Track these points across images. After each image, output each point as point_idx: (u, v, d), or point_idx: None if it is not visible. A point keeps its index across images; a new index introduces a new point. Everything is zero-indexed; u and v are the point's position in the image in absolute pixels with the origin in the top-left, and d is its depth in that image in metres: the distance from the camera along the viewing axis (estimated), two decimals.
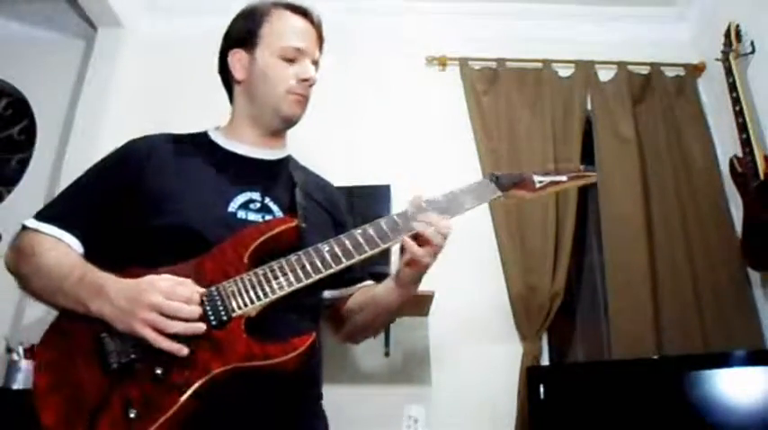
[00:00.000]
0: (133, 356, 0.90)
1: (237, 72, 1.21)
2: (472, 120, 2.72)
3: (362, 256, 1.04)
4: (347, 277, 1.21)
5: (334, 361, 2.37)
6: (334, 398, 1.21)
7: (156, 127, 1.24)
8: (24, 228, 1.08)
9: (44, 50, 2.96)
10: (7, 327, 2.36)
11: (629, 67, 2.82)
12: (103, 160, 1.17)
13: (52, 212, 1.10)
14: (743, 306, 2.37)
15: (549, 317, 2.37)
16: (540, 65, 2.81)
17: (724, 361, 1.90)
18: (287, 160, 1.27)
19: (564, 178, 1.29)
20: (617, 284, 2.44)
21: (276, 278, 0.99)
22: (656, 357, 2.20)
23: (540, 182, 1.25)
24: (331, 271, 1.02)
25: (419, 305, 2.28)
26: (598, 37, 2.90)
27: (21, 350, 2.15)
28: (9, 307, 2.40)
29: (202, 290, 0.95)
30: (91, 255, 1.06)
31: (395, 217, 1.09)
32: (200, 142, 1.22)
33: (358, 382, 2.35)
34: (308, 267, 1.01)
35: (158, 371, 0.89)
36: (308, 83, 1.20)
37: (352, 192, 2.13)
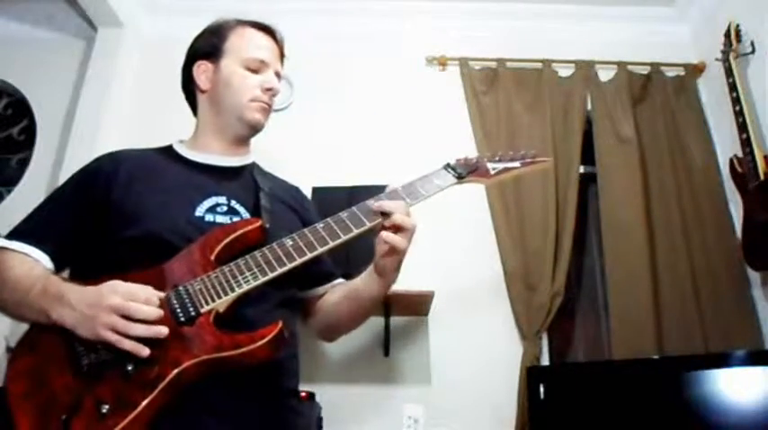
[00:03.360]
0: (104, 357, 0.91)
1: (202, 82, 1.26)
2: (472, 120, 2.72)
3: (326, 248, 1.05)
4: (319, 274, 1.24)
5: (334, 361, 2.37)
6: (335, 398, 1.22)
7: (156, 126, 1.25)
8: None
9: (44, 50, 2.96)
10: (7, 327, 2.36)
11: (629, 67, 2.82)
12: (73, 177, 1.19)
13: (23, 230, 1.12)
14: (743, 306, 2.37)
15: (549, 317, 2.37)
16: (540, 65, 2.81)
17: (724, 361, 1.90)
18: (251, 166, 1.30)
19: (517, 164, 1.31)
20: (617, 284, 2.44)
21: (242, 273, 1.01)
22: (656, 357, 2.20)
23: (494, 168, 1.28)
24: (295, 263, 1.03)
25: (419, 305, 2.28)
26: (598, 37, 2.90)
27: None
28: None
29: (162, 294, 0.96)
30: (64, 270, 1.08)
31: (355, 209, 1.11)
32: (165, 155, 1.25)
33: (358, 382, 2.35)
34: (273, 261, 1.02)
35: (129, 368, 0.90)
36: (271, 92, 1.24)
37: (352, 192, 2.12)
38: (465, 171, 1.25)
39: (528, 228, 2.51)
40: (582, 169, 2.65)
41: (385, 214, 1.08)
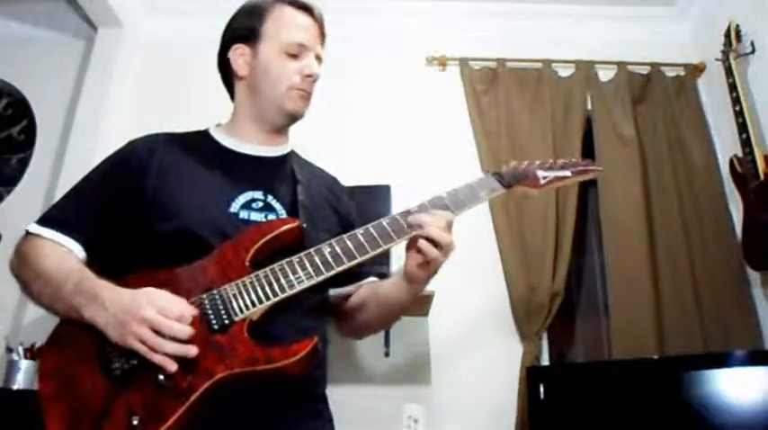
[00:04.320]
0: (135, 362, 0.90)
1: (239, 68, 1.20)
2: (472, 120, 2.72)
3: (364, 257, 1.03)
4: (350, 273, 1.19)
5: (334, 361, 2.36)
6: (335, 398, 1.21)
7: (156, 127, 1.24)
8: (27, 233, 1.08)
9: (44, 50, 2.96)
10: (7, 327, 2.36)
11: (629, 67, 2.82)
12: (105, 161, 1.16)
13: (54, 216, 1.09)
14: (743, 306, 2.37)
15: (549, 317, 2.37)
16: (540, 65, 2.81)
17: (724, 361, 1.89)
18: (289, 156, 1.26)
19: (568, 173, 1.25)
20: (617, 284, 2.44)
21: (278, 281, 0.99)
22: (656, 357, 2.20)
23: (545, 177, 1.22)
24: (333, 272, 1.01)
25: (419, 305, 2.28)
26: (598, 37, 2.90)
27: (21, 350, 2.15)
28: (9, 307, 2.40)
29: (196, 312, 0.94)
30: (94, 260, 1.05)
31: (397, 217, 1.07)
32: (202, 141, 1.21)
33: (358, 382, 2.35)
34: (310, 269, 1.00)
35: (161, 377, 0.88)
36: (311, 79, 1.19)
37: (351, 193, 2.11)
38: (513, 179, 1.20)
39: (528, 228, 2.51)
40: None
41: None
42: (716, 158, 2.66)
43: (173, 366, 0.88)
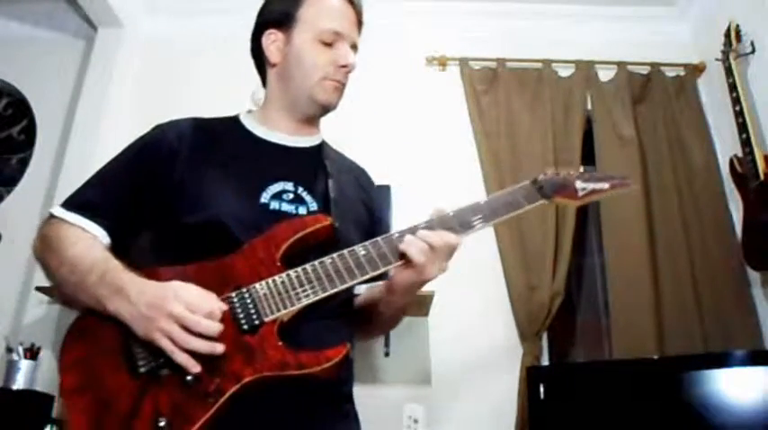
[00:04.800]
0: (162, 360, 0.88)
1: (272, 55, 1.17)
2: (472, 120, 2.72)
3: (400, 262, 1.01)
4: None
5: None
6: None
7: None
8: (51, 216, 1.04)
9: (44, 50, 2.96)
10: (7, 327, 2.36)
11: (629, 67, 2.82)
12: (132, 146, 1.12)
13: (80, 200, 1.05)
14: (743, 306, 2.37)
15: (549, 317, 2.37)
16: (540, 65, 2.81)
17: (724, 361, 1.89)
18: (320, 147, 1.23)
19: (606, 186, 1.20)
20: (617, 284, 2.44)
21: (310, 282, 0.96)
22: (656, 357, 2.20)
23: (583, 189, 1.18)
24: (367, 276, 0.99)
25: (419, 305, 2.28)
26: (598, 37, 2.90)
27: (21, 350, 2.15)
28: (9, 307, 2.40)
29: (226, 307, 0.91)
30: (120, 247, 1.02)
31: (434, 221, 1.04)
32: (232, 127, 1.18)
33: (358, 382, 2.34)
34: (343, 271, 0.98)
35: (188, 378, 0.87)
36: (346, 69, 1.16)
37: None
38: (551, 189, 1.15)
39: (528, 228, 2.51)
40: (582, 169, 2.65)
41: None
42: (716, 158, 2.66)
43: (196, 368, 0.86)
